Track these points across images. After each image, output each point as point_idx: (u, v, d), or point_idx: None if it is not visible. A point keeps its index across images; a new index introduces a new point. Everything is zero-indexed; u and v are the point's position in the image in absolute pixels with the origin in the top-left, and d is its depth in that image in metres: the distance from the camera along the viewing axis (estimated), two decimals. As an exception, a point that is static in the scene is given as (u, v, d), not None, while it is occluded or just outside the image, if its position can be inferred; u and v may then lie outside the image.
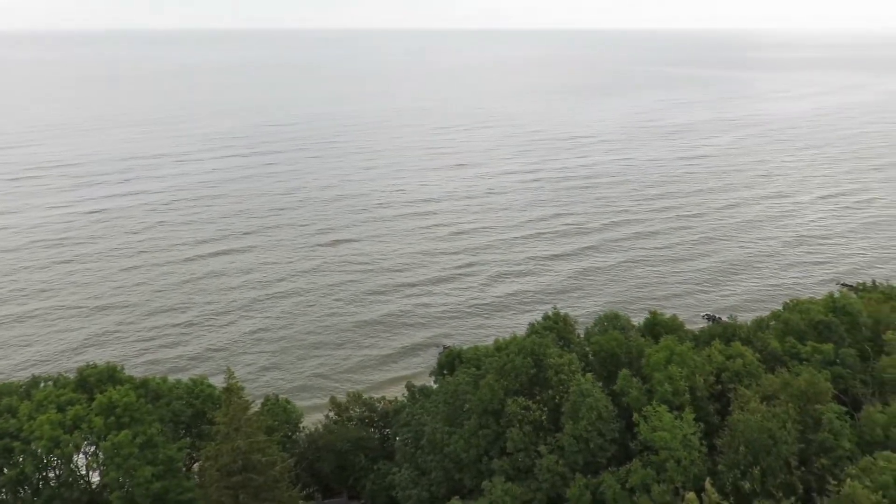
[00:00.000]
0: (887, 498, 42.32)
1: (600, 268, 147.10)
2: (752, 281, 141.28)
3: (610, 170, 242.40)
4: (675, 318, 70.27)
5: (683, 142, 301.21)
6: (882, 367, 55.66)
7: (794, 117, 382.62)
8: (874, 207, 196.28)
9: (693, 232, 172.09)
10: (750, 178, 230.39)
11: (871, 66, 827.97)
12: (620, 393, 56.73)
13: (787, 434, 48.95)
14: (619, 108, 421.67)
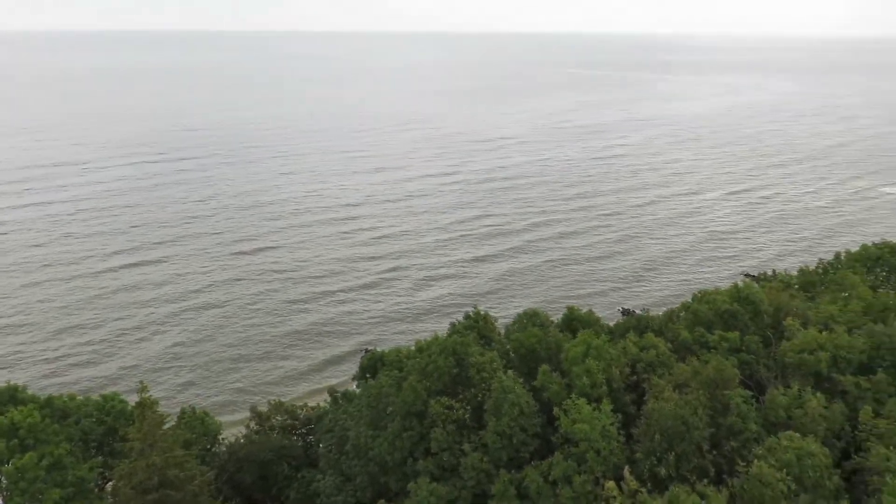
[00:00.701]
0: (790, 475, 44.59)
1: (523, 268, 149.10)
2: (667, 276, 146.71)
3: (529, 170, 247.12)
4: (591, 313, 72.08)
5: (598, 142, 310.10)
6: (783, 352, 58.56)
7: (700, 117, 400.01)
8: (776, 202, 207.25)
9: (611, 230, 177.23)
10: (661, 177, 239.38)
11: (766, 68, 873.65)
12: (541, 388, 57.68)
13: (698, 420, 50.87)
14: (534, 108, 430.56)
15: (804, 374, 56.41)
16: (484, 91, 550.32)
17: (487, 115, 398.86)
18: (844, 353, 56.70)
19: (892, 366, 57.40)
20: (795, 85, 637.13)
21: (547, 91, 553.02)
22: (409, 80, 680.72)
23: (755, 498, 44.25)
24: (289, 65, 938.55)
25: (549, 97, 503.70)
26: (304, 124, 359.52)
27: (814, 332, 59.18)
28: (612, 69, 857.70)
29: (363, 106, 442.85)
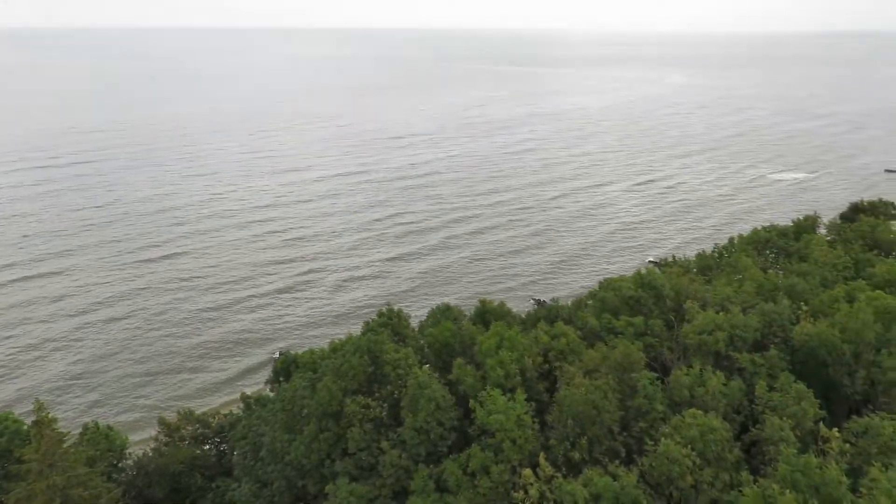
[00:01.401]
0: (695, 451, 46.71)
1: (440, 266, 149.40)
2: (579, 267, 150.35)
3: (440, 166, 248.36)
4: (503, 305, 73.23)
5: (506, 136, 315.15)
6: (684, 334, 61.28)
7: (602, 110, 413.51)
8: (679, 192, 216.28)
9: (524, 224, 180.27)
10: (570, 170, 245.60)
11: (664, 63, 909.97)
12: (456, 381, 58.18)
13: (608, 404, 52.57)
14: (440, 104, 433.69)
15: (704, 353, 59.18)
16: (388, 87, 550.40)
17: (395, 111, 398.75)
18: (740, 332, 59.85)
19: (783, 342, 61.05)
20: (692, 78, 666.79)
21: (450, 86, 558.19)
22: (306, 77, 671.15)
23: (663, 474, 46.15)
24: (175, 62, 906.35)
25: (452, 92, 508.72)
26: (205, 124, 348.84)
27: (712, 314, 62.15)
28: (512, 64, 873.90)
29: (266, 104, 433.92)
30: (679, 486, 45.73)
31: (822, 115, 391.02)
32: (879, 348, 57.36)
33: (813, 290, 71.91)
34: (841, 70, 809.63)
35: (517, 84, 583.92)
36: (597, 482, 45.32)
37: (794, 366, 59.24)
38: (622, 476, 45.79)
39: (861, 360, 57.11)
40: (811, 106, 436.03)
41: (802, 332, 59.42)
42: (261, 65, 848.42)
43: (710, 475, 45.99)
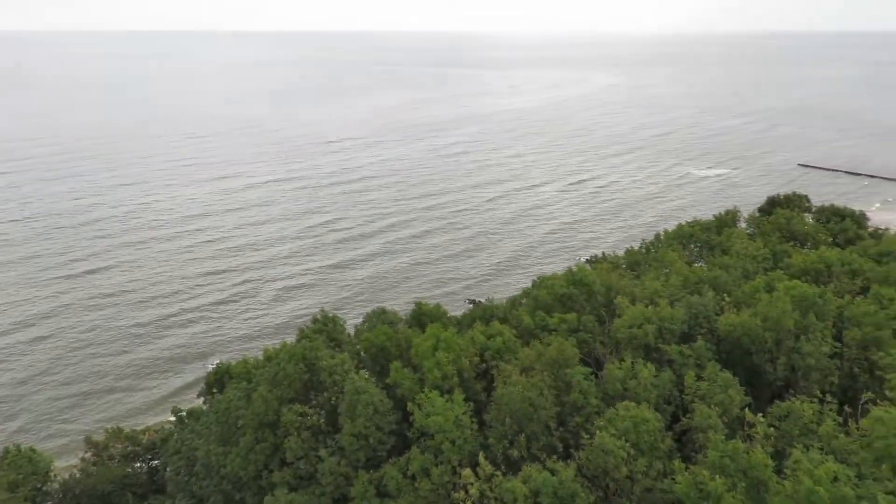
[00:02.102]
0: (628, 442, 47.87)
1: (378, 273, 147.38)
2: (516, 269, 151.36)
3: (374, 171, 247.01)
4: (438, 307, 73.48)
5: (438, 139, 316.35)
6: (615, 328, 62.73)
7: (533, 111, 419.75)
8: (611, 191, 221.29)
9: (459, 228, 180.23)
10: (503, 172, 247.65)
11: (592, 64, 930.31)
12: (394, 385, 58.09)
13: (545, 400, 53.39)
14: (369, 107, 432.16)
15: (635, 347, 60.69)
16: (317, 90, 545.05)
17: (328, 115, 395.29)
18: (668, 325, 61.66)
19: (709, 332, 63.21)
20: (620, 78, 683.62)
21: (384, 89, 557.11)
22: (235, 80, 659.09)
23: (599, 466, 47.12)
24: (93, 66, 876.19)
25: (383, 95, 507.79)
26: (129, 131, 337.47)
27: (641, 308, 63.82)
28: (441, 66, 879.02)
29: (191, 109, 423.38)
30: (615, 477, 46.78)
31: (743, 114, 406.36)
32: (798, 335, 59.92)
33: (735, 282, 74.67)
34: (762, 69, 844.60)
35: (451, 86, 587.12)
36: (536, 478, 45.95)
37: (719, 355, 61.41)
38: (560, 471, 46.55)
39: (782, 347, 59.55)
40: (733, 104, 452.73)
41: (727, 323, 61.61)
42: (185, 70, 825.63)
43: (644, 465, 47.18)
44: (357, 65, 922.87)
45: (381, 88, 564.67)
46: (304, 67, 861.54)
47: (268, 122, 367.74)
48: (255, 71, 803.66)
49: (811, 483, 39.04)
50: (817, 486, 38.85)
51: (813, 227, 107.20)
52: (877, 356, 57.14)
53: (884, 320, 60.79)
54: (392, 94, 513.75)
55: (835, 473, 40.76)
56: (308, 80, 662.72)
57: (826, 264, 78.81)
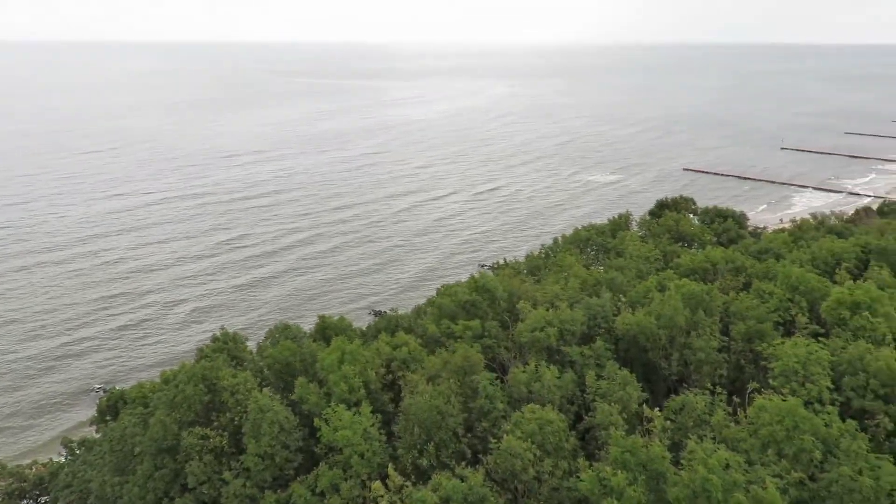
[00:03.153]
0: (534, 443, 48.83)
1: (288, 290, 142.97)
2: (421, 277, 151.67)
3: (278, 185, 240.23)
4: (343, 319, 72.76)
5: (342, 151, 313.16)
6: (519, 333, 63.94)
7: (436, 121, 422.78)
8: (516, 200, 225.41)
9: (365, 239, 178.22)
10: (406, 184, 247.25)
11: (484, 74, 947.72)
12: (300, 401, 56.97)
13: (452, 407, 53.71)
14: (269, 119, 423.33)
15: (538, 350, 62.08)
16: (213, 102, 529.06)
17: (225, 128, 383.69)
18: (569, 327, 63.41)
19: (607, 332, 65.49)
20: (517, 89, 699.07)
21: (282, 101, 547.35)
22: (124, 92, 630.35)
23: (507, 469, 47.81)
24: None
25: (282, 107, 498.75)
26: (12, 143, 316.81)
27: (542, 311, 65.34)
28: (345, 78, 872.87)
29: (85, 122, 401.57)
30: (522, 479, 47.57)
31: (633, 122, 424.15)
32: (689, 331, 63.00)
33: (630, 283, 77.76)
34: (651, 78, 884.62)
35: (351, 97, 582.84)
36: (445, 485, 46.08)
37: (618, 354, 63.73)
38: (469, 476, 46.88)
39: (675, 343, 62.43)
40: (624, 113, 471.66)
41: (623, 322, 64.01)
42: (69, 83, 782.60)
43: (550, 465, 48.23)
44: (252, 76, 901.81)
45: (280, 100, 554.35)
46: (197, 79, 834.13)
47: (163, 135, 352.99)
48: (145, 82, 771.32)
49: (705, 472, 41.04)
50: (711, 474, 40.88)
51: (699, 227, 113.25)
52: (760, 347, 60.73)
53: (765, 313, 64.77)
54: (291, 106, 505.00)
55: (726, 461, 43.06)
56: (203, 91, 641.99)
57: (712, 263, 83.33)
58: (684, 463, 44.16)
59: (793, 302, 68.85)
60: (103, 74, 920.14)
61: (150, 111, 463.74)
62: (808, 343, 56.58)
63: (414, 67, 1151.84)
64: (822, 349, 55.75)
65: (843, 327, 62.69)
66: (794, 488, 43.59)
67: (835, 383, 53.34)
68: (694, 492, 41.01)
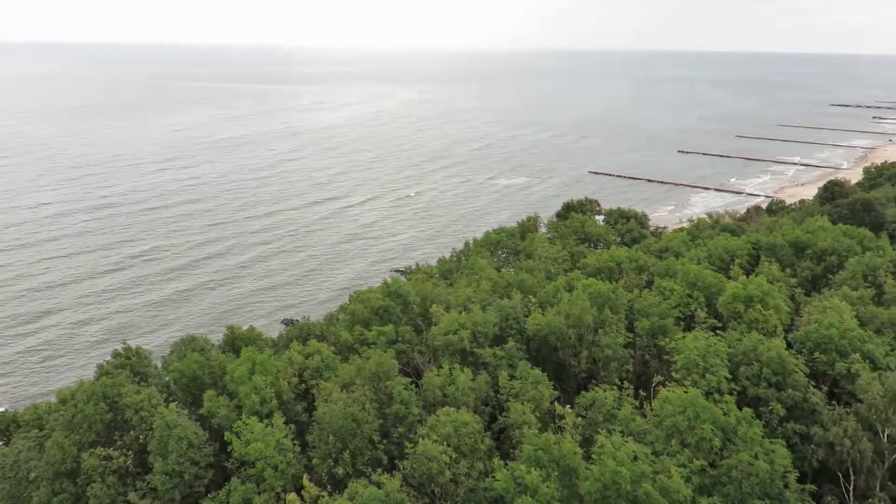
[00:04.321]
0: (450, 446, 49.16)
1: (204, 304, 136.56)
2: (330, 281, 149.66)
3: (187, 195, 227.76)
4: (252, 329, 71.13)
5: (251, 157, 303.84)
6: (432, 336, 64.33)
7: (347, 126, 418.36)
8: (431, 204, 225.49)
9: (276, 247, 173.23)
10: (320, 190, 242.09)
11: (390, 79, 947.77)
12: (209, 415, 55.32)
13: (367, 414, 53.44)
14: (174, 125, 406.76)
15: (452, 353, 62.60)
16: (112, 107, 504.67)
17: (126, 134, 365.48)
18: (481, 329, 64.28)
19: (519, 333, 66.70)
20: (430, 94, 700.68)
21: (184, 105, 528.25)
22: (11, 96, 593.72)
23: (423, 473, 47.90)
24: None
25: (188, 112, 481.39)
26: None
27: (455, 315, 65.97)
28: (253, 82, 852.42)
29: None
30: (439, 482, 47.80)
31: (542, 127, 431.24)
32: (596, 329, 64.97)
33: (539, 284, 79.48)
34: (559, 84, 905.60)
35: (260, 102, 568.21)
36: (362, 493, 45.74)
37: (529, 354, 65.07)
38: (386, 483, 46.70)
39: (583, 342, 64.24)
40: (533, 118, 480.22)
41: (534, 323, 65.37)
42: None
43: (465, 467, 48.67)
44: (155, 79, 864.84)
45: (186, 105, 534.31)
46: (93, 82, 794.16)
47: (57, 142, 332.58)
48: (35, 86, 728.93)
49: (614, 464, 42.47)
50: (620, 466, 42.34)
51: (604, 228, 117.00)
52: (663, 342, 63.36)
53: (667, 310, 67.60)
54: (198, 111, 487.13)
55: (634, 453, 44.71)
56: (100, 95, 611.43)
57: (616, 262, 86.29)
58: (595, 457, 45.52)
59: (692, 298, 72.16)
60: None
61: (42, 117, 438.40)
62: (707, 336, 59.45)
63: (326, 71, 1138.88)
64: (720, 342, 58.71)
65: (738, 320, 66.19)
66: (697, 476, 45.68)
67: (732, 373, 56.27)
68: (604, 484, 42.34)
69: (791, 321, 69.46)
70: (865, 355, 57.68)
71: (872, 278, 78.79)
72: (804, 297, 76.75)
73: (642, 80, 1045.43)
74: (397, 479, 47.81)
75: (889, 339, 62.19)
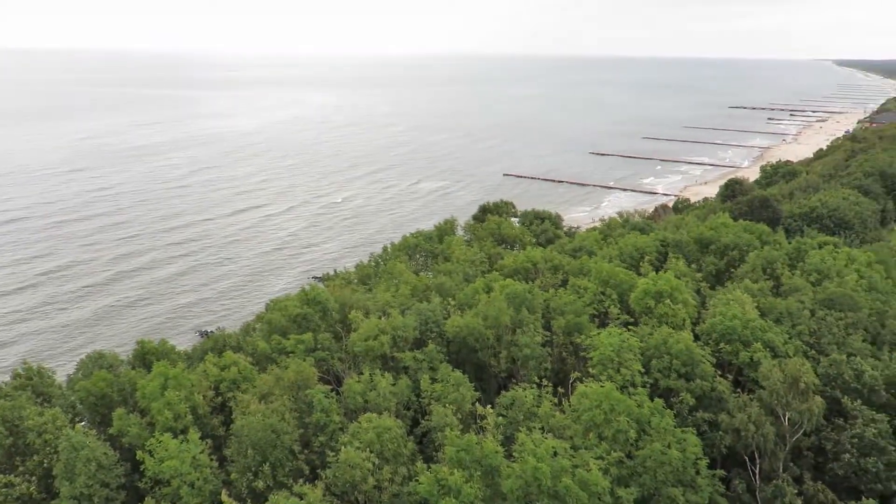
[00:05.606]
0: (373, 452, 48.83)
1: (128, 322, 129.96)
2: (257, 293, 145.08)
3: (95, 208, 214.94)
4: (164, 343, 68.67)
5: (162, 164, 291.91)
6: (352, 343, 63.80)
7: (259, 132, 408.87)
8: (346, 210, 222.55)
9: (188, 257, 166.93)
10: (233, 197, 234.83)
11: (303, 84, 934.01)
12: (119, 434, 53.11)
13: (287, 425, 52.47)
14: (73, 133, 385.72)
15: (372, 358, 62.26)
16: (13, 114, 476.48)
17: (25, 143, 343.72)
18: (401, 333, 64.22)
19: (439, 336, 66.99)
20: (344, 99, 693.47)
21: (85, 112, 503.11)
22: None
23: (346, 481, 47.41)
24: None
25: (89, 119, 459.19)
26: None
27: (375, 320, 65.67)
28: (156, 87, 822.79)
29: None
30: (363, 489, 47.41)
31: (462, 131, 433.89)
32: (514, 329, 66.00)
33: (458, 286, 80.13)
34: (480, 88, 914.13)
35: (171, 108, 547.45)
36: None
37: (449, 356, 65.46)
38: (308, 493, 46.00)
39: (502, 342, 65.15)
40: (453, 123, 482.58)
41: (453, 325, 65.81)
42: None
43: (389, 473, 48.47)
44: (52, 86, 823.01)
45: (87, 112, 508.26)
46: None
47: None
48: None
49: (534, 461, 43.20)
50: (540, 462, 43.10)
51: (519, 230, 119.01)
52: (579, 339, 64.97)
53: (581, 307, 69.39)
54: (105, 118, 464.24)
55: (554, 449, 45.62)
56: None
57: (532, 263, 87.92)
58: (516, 455, 46.16)
59: (605, 295, 74.31)
60: None
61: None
62: (620, 332, 61.32)
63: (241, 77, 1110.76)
64: (633, 337, 60.70)
65: (649, 315, 68.59)
66: (614, 467, 47.04)
67: (644, 367, 58.29)
68: (526, 481, 43.01)
69: (698, 314, 72.50)
70: (766, 344, 60.80)
71: (770, 271, 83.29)
72: (709, 291, 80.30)
73: (556, 83, 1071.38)
74: (320, 489, 47.15)
75: (787, 328, 65.80)
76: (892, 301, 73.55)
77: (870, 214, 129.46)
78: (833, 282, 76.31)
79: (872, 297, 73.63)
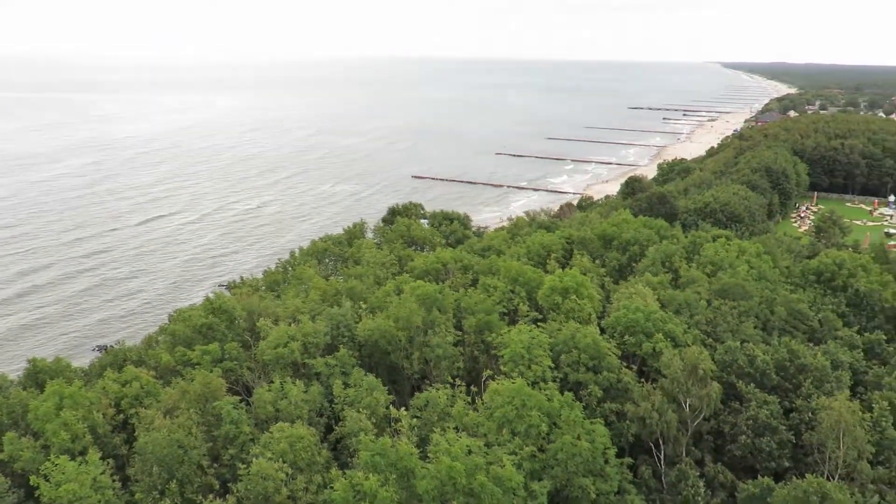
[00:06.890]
0: (286, 462, 47.87)
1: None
2: (156, 306, 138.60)
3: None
4: (59, 360, 65.02)
5: (60, 172, 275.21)
6: (261, 351, 62.29)
7: (158, 137, 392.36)
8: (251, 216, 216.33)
9: (85, 269, 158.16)
10: (133, 205, 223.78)
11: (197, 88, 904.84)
12: (11, 460, 49.92)
13: (194, 439, 50.73)
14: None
15: (283, 366, 60.98)
16: None
17: None
18: (312, 339, 63.23)
19: (350, 340, 66.36)
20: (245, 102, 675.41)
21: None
22: None
23: (259, 493, 46.23)
24: None
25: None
26: None
27: (284, 327, 64.36)
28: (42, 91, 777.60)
29: None
30: (276, 500, 46.36)
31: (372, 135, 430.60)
32: (426, 330, 66.14)
33: (369, 289, 79.63)
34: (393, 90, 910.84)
35: (62, 113, 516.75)
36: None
37: (362, 360, 64.97)
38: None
39: (414, 343, 65.15)
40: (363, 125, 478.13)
41: (365, 329, 65.36)
42: None
43: (303, 482, 47.65)
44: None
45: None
46: None
47: None
48: None
49: (449, 460, 43.42)
50: (454, 461, 43.36)
51: (429, 231, 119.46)
52: (490, 337, 65.77)
53: (491, 306, 70.29)
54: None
55: (468, 447, 45.99)
56: None
57: (442, 263, 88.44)
58: (431, 455, 46.25)
59: (514, 293, 75.64)
60: None
61: None
62: (530, 329, 62.54)
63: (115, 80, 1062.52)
64: (542, 333, 62.00)
65: (556, 311, 70.26)
66: (527, 461, 47.89)
67: (554, 362, 59.61)
68: (441, 481, 43.17)
69: (603, 308, 74.87)
70: (667, 334, 63.43)
71: (669, 264, 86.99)
72: (613, 286, 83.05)
73: (466, 86, 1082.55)
74: (232, 502, 45.83)
75: (686, 318, 68.86)
76: (779, 289, 78.25)
77: (758, 208, 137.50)
78: (726, 272, 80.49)
79: (762, 285, 78.15)
